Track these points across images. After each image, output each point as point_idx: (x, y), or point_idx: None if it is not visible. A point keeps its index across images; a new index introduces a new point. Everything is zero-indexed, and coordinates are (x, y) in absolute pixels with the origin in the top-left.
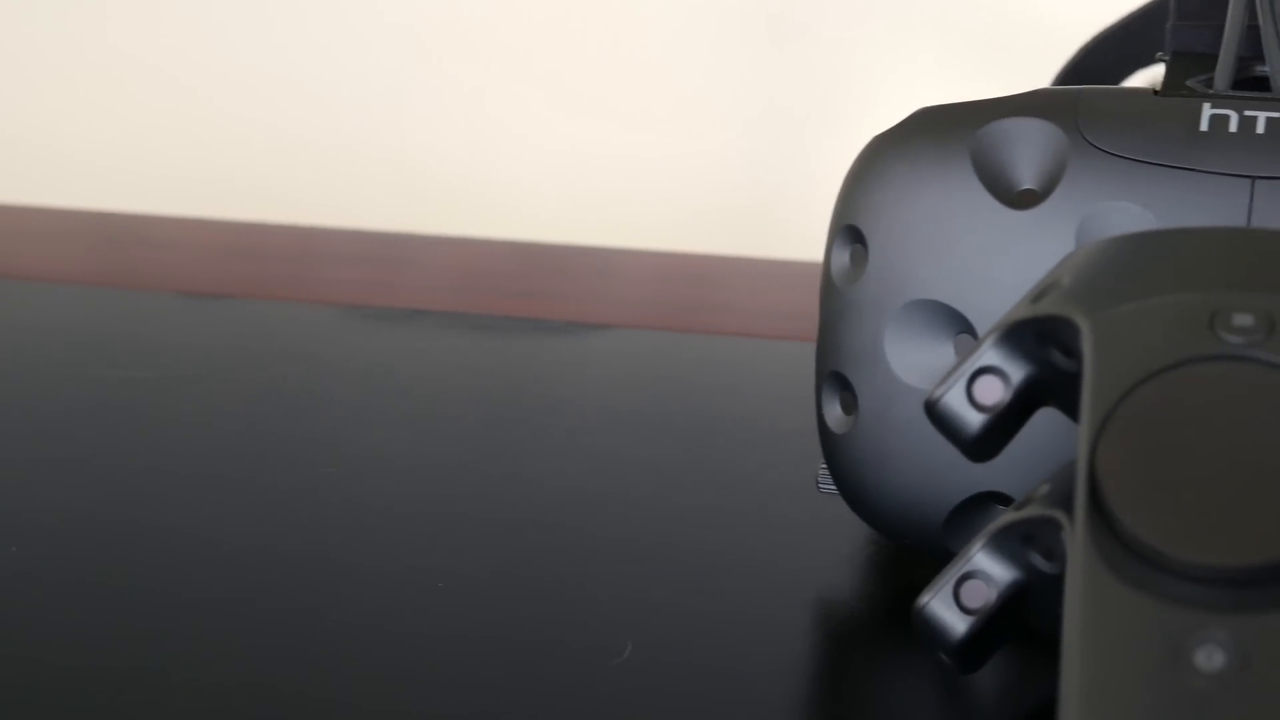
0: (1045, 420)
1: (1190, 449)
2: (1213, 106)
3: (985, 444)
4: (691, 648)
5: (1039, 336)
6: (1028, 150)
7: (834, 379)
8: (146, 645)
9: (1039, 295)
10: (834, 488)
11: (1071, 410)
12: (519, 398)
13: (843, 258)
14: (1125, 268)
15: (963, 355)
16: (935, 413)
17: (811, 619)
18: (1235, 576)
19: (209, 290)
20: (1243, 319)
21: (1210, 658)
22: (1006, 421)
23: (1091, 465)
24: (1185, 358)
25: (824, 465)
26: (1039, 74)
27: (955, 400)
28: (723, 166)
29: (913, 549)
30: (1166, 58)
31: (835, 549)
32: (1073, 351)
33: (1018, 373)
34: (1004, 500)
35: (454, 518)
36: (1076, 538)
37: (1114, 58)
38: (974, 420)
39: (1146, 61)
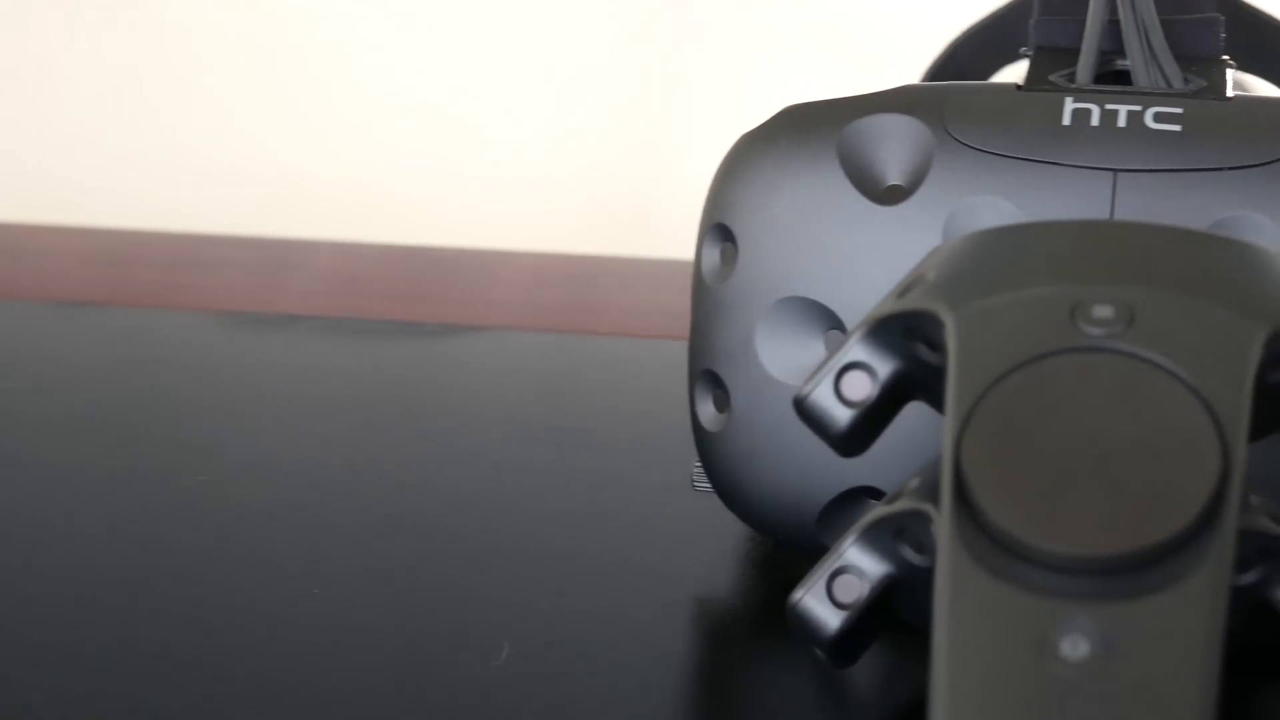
0: (917, 414)
1: (1053, 440)
2: (1075, 101)
3: (854, 439)
4: (568, 649)
5: (905, 331)
6: (894, 147)
7: (706, 377)
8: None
9: (904, 290)
10: (709, 486)
11: (939, 404)
12: (395, 402)
13: (713, 256)
14: (988, 262)
15: (830, 352)
16: (803, 409)
17: (688, 617)
18: (1098, 565)
19: (83, 299)
20: (1103, 311)
21: (1075, 647)
22: (875, 416)
23: (956, 458)
24: (1047, 350)
25: (698, 464)
26: (907, 71)
27: (823, 396)
28: (597, 167)
29: (788, 545)
30: (1030, 53)
31: (711, 547)
32: (938, 346)
33: (885, 368)
34: (877, 495)
35: (329, 523)
36: (942, 531)
37: (981, 53)
38: (842, 416)
39: (1013, 57)
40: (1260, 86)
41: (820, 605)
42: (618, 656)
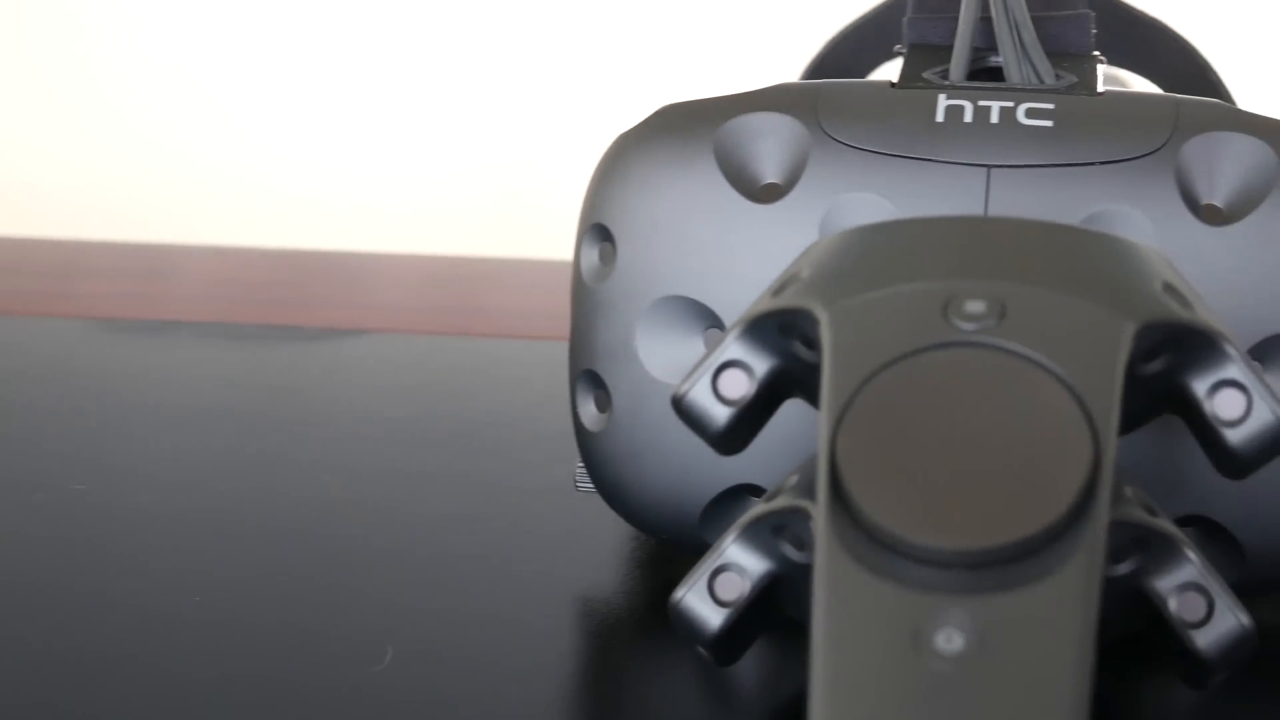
0: (798, 411)
1: (926, 435)
2: (948, 98)
3: (733, 437)
4: (452, 652)
5: (781, 329)
6: (770, 145)
7: (587, 377)
8: None
9: (780, 288)
10: (591, 486)
11: (816, 401)
12: (274, 407)
13: (592, 256)
14: (862, 258)
15: (708, 350)
16: (682, 408)
17: (572, 618)
18: (972, 559)
19: None
20: (975, 306)
21: (950, 640)
22: (753, 414)
23: (832, 455)
24: (920, 346)
25: (581, 464)
26: (786, 69)
27: (701, 395)
28: (479, 168)
29: (671, 544)
30: (904, 50)
31: (595, 547)
32: (814, 343)
33: (762, 365)
34: (759, 492)
35: (209, 530)
36: (818, 527)
37: (859, 51)
38: (720, 414)
39: (890, 54)
40: (1137, 82)
41: (702, 603)
42: (502, 659)
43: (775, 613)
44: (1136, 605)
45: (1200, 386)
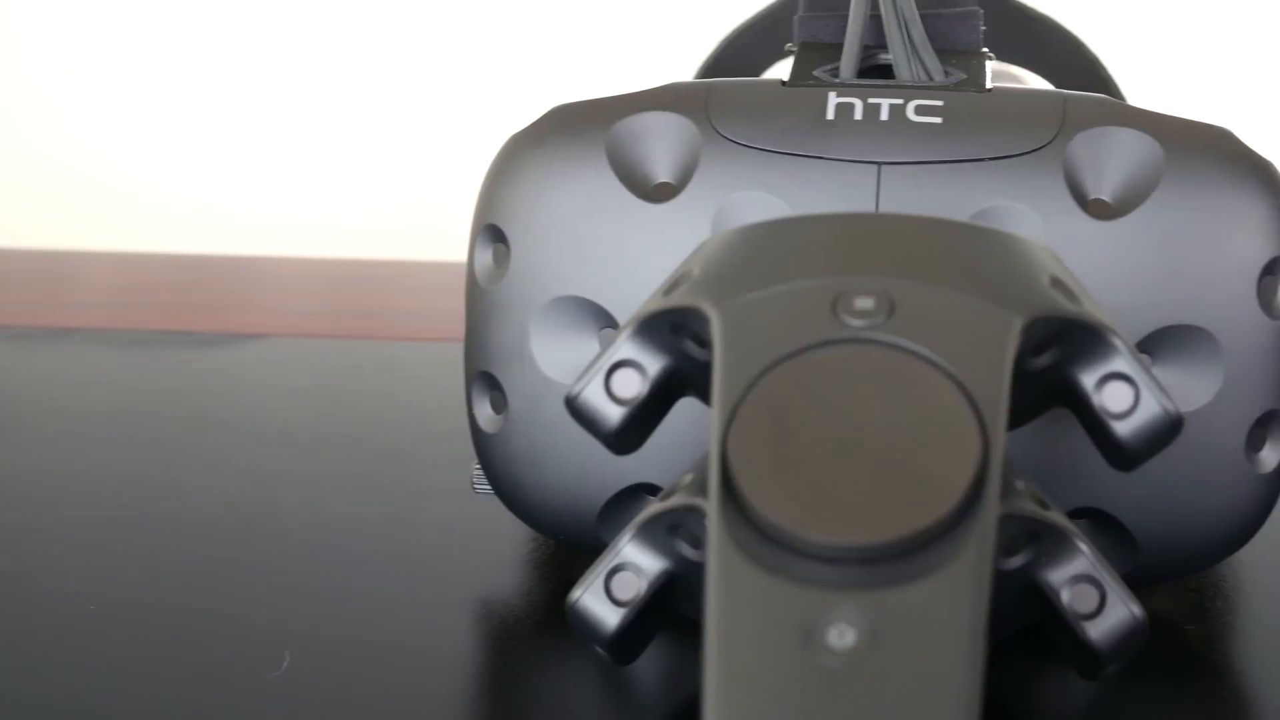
0: (695, 409)
1: (817, 432)
2: (838, 95)
3: (627, 437)
4: (351, 656)
5: (673, 328)
6: (661, 144)
7: (483, 379)
8: None
9: (671, 287)
10: (489, 488)
11: (709, 399)
12: (171, 413)
13: (485, 257)
14: (752, 256)
15: (600, 350)
16: (575, 408)
17: (471, 620)
18: (863, 555)
19: None
20: (864, 302)
21: (842, 636)
22: (646, 413)
23: (723, 453)
24: (809, 343)
25: (478, 466)
26: (680, 68)
27: (594, 395)
28: (377, 171)
29: (570, 545)
30: (795, 49)
31: (493, 549)
32: (705, 341)
33: (654, 365)
34: (656, 491)
35: (104, 537)
36: (710, 525)
37: (752, 50)
38: (614, 414)
39: (783, 53)
40: (1031, 79)
41: (599, 603)
42: (401, 661)
43: (672, 611)
44: (1030, 598)
45: (1088, 380)
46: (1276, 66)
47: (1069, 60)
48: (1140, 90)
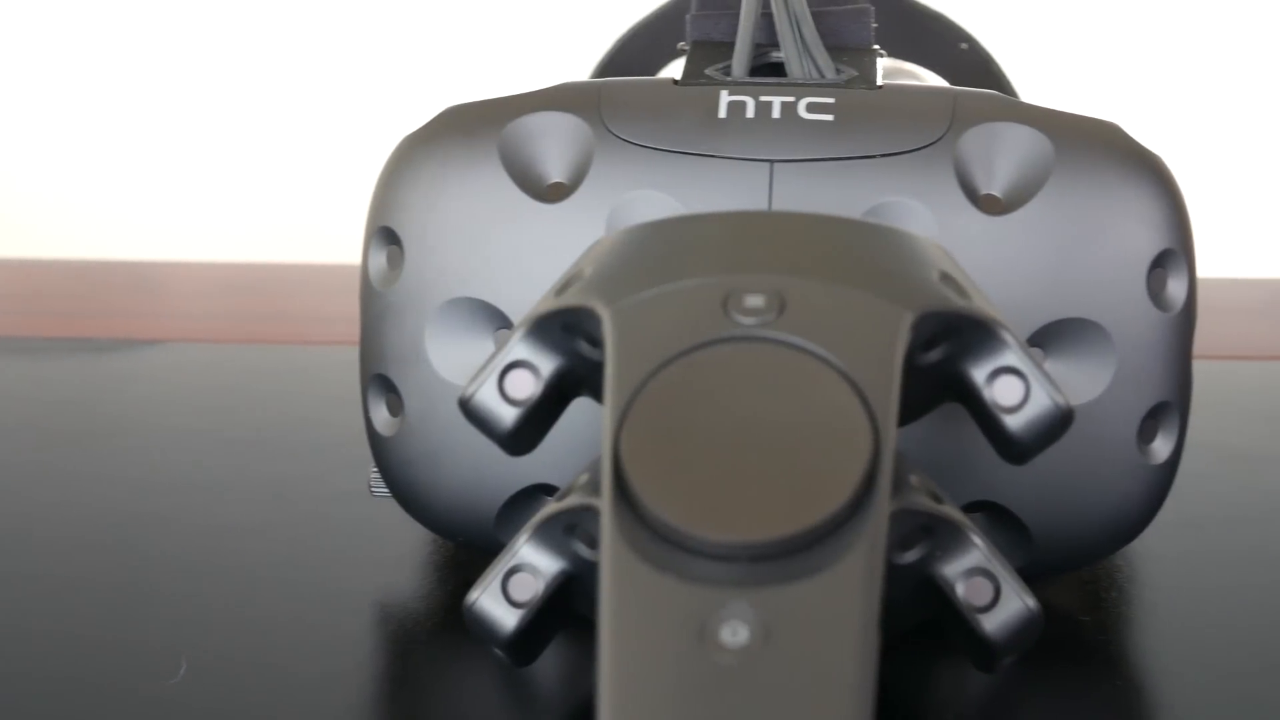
0: (592, 409)
1: (708, 431)
2: (730, 94)
3: (522, 437)
4: (249, 661)
5: (565, 328)
6: (554, 144)
7: (378, 381)
8: None
9: (563, 287)
10: (386, 490)
11: (603, 399)
12: (66, 420)
13: (379, 260)
14: (643, 255)
15: (494, 352)
16: (469, 410)
17: (369, 623)
18: (755, 552)
19: None
20: (754, 300)
21: (735, 633)
22: (541, 414)
23: (615, 452)
24: (700, 341)
25: (375, 469)
26: (576, 69)
27: (487, 396)
28: (274, 175)
29: (469, 546)
30: (687, 47)
31: (391, 552)
32: (598, 341)
33: (547, 365)
34: (554, 492)
35: (0, 544)
36: (603, 524)
37: (647, 49)
38: (508, 415)
39: (677, 52)
40: (928, 76)
41: (496, 605)
42: (299, 666)
43: (571, 612)
44: (926, 592)
45: (979, 374)
46: (1164, 62)
47: (961, 57)
48: (1032, 87)
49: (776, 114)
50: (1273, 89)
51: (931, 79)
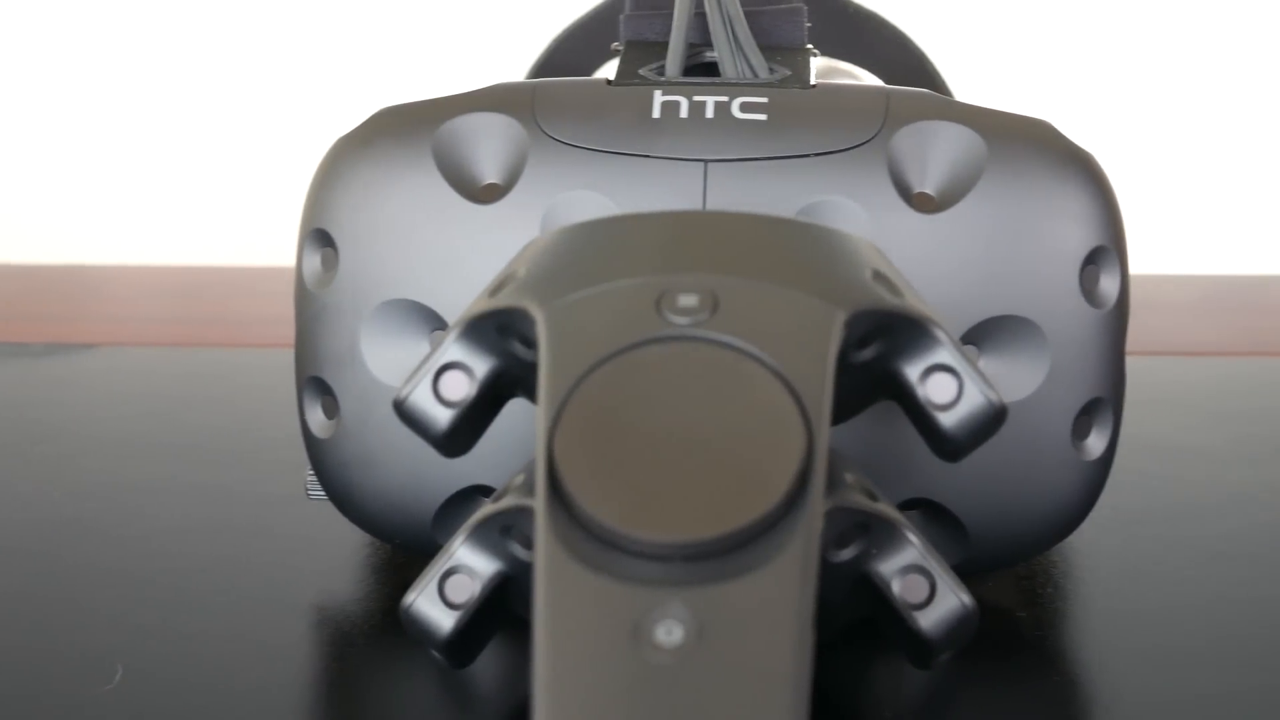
0: (528, 410)
1: (642, 430)
2: (663, 94)
3: (457, 439)
4: (186, 667)
5: (499, 329)
6: (488, 145)
7: (314, 384)
8: None
9: (497, 288)
10: (323, 493)
11: (536, 400)
12: (5, 424)
13: (314, 262)
14: (577, 256)
15: (428, 353)
16: (403, 411)
17: (307, 627)
18: (689, 551)
19: None
20: (687, 300)
21: (669, 633)
22: (476, 415)
23: (549, 452)
24: (634, 341)
25: (311, 472)
26: (513, 70)
27: (421, 398)
28: (211, 177)
29: (406, 549)
30: (621, 47)
31: (328, 555)
32: (532, 342)
33: (482, 366)
34: (490, 493)
35: None
36: (538, 525)
37: (583, 50)
38: (442, 416)
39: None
40: (865, 76)
41: (433, 607)
42: (236, 671)
43: (508, 613)
44: (862, 590)
45: (912, 372)
46: (1097, 60)
47: (896, 57)
48: (967, 86)
49: (710, 114)
50: (1203, 87)
51: (869, 79)
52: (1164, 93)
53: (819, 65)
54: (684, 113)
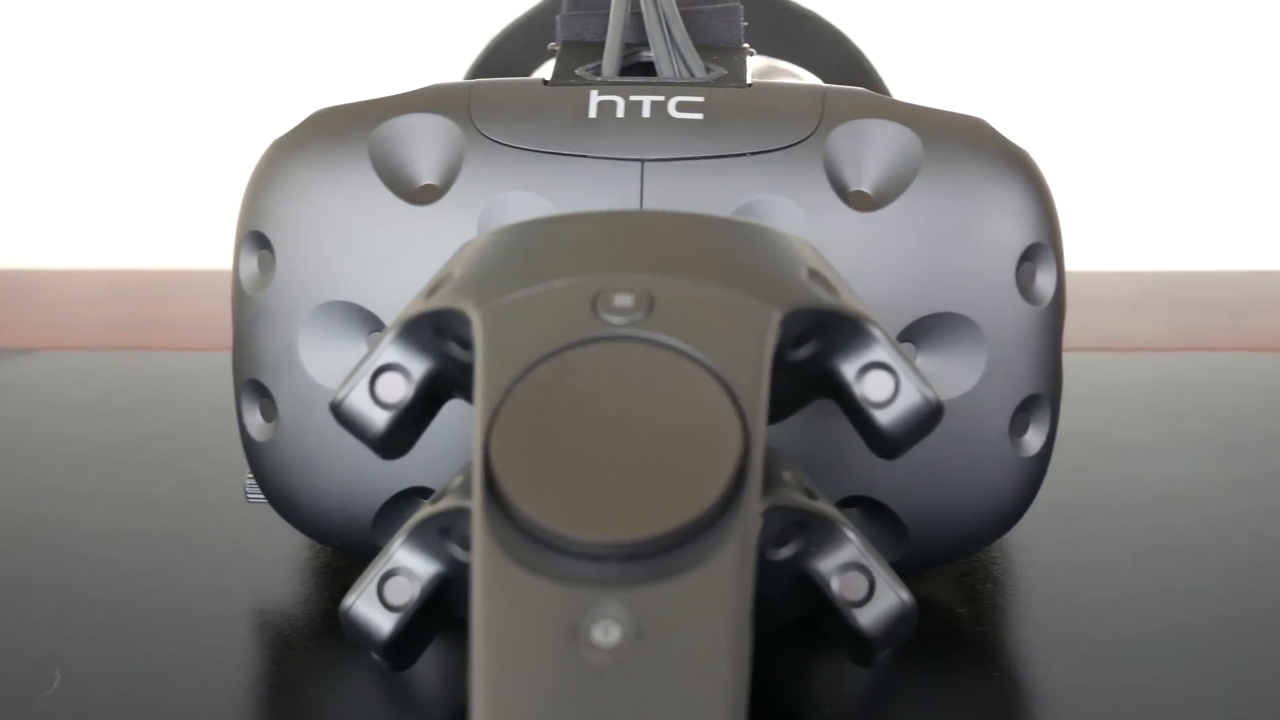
0: (467, 412)
1: (579, 431)
2: (600, 94)
3: (394, 441)
4: (126, 671)
5: (436, 330)
6: (424, 146)
7: (252, 387)
8: None
9: (433, 289)
10: (262, 497)
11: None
12: None
13: (250, 265)
14: (512, 256)
15: (365, 355)
16: (340, 414)
17: (247, 631)
18: (626, 551)
19: None
20: (623, 300)
21: (607, 633)
22: (413, 417)
23: (486, 453)
24: (570, 342)
25: (251, 475)
26: (451, 70)
27: (358, 400)
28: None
29: (346, 551)
30: (557, 48)
31: (268, 559)
32: (468, 343)
33: (419, 368)
34: (430, 495)
35: None
36: (474, 526)
37: (521, 51)
38: (379, 418)
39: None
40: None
41: (372, 609)
42: (177, 675)
43: (448, 615)
44: (801, 588)
45: (849, 370)
46: (1032, 57)
47: (833, 56)
48: (905, 85)
49: (647, 113)
50: (1140, 83)
51: (809, 78)
52: (1099, 90)
53: (757, 64)
54: (620, 112)
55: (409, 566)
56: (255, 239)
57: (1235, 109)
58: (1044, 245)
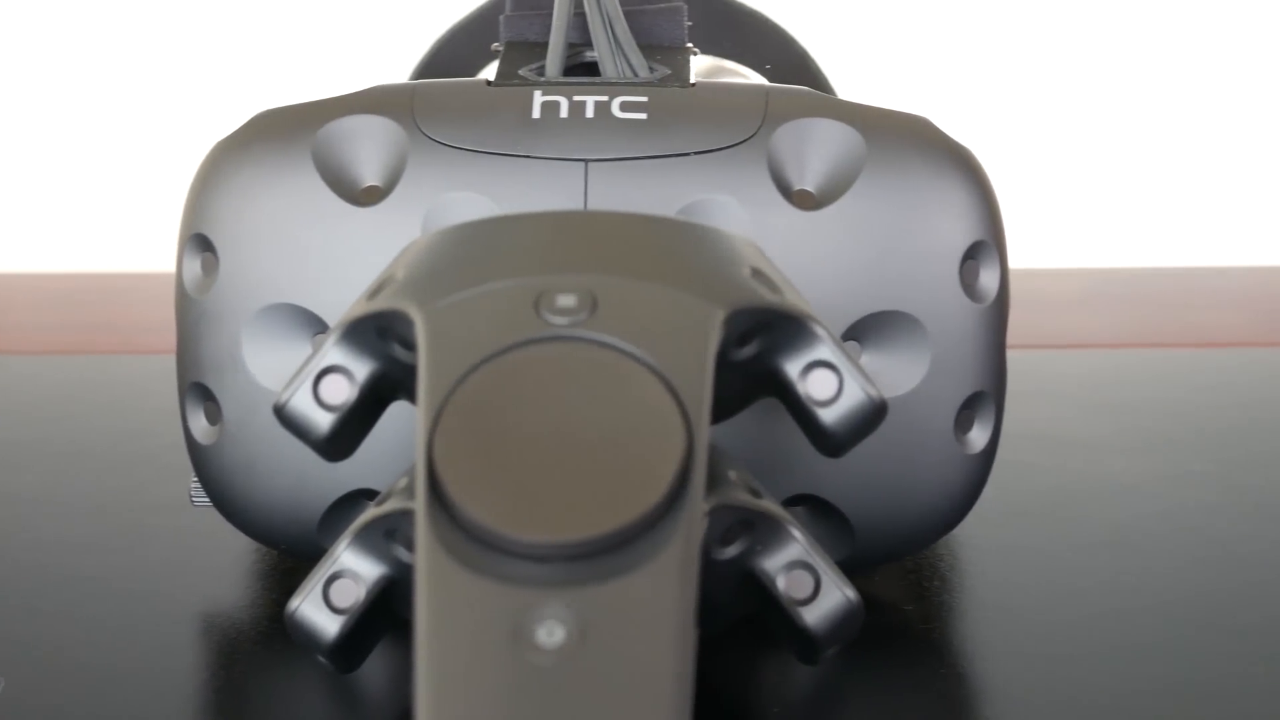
0: (412, 413)
1: (522, 431)
2: (543, 94)
3: (338, 443)
4: (71, 677)
5: (379, 332)
6: (368, 147)
7: (196, 390)
8: None
9: (375, 291)
10: (207, 500)
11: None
12: None
13: (194, 267)
14: (455, 258)
15: (308, 357)
16: (284, 416)
17: (193, 635)
18: (570, 552)
19: None
20: (566, 300)
21: (551, 634)
22: (357, 418)
23: (429, 455)
24: (513, 343)
25: (195, 478)
26: (395, 71)
27: (302, 402)
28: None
29: (292, 554)
30: (501, 48)
31: (214, 562)
32: (411, 344)
33: (362, 369)
34: (376, 497)
35: None
36: (418, 528)
37: (466, 51)
38: (323, 420)
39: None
40: (751, 75)
41: (318, 612)
42: (123, 680)
43: (394, 617)
44: (747, 587)
45: (793, 369)
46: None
47: (778, 55)
48: (850, 84)
49: (590, 113)
50: (1083, 80)
51: (755, 77)
52: (1042, 87)
53: (702, 64)
54: (564, 113)
55: (354, 569)
56: (198, 241)
57: (1176, 107)
58: (987, 243)
